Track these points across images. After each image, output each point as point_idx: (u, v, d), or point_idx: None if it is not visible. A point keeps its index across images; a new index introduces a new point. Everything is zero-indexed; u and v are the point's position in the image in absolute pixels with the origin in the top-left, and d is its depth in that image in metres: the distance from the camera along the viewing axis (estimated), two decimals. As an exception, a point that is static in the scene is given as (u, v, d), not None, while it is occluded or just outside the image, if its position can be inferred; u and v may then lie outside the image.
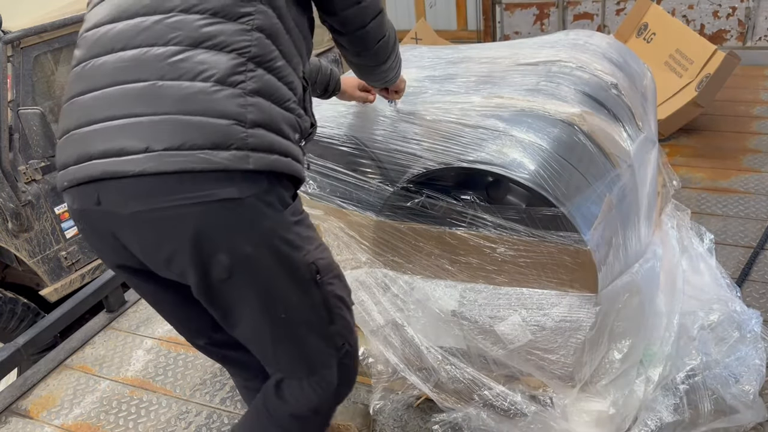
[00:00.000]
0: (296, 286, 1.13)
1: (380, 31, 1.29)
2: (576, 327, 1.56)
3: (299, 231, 1.10)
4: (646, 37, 4.08)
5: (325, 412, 1.32)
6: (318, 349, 1.21)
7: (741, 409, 1.69)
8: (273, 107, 1.04)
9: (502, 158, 1.55)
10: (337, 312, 1.20)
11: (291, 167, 1.05)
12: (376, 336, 1.83)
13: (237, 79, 1.00)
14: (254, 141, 0.99)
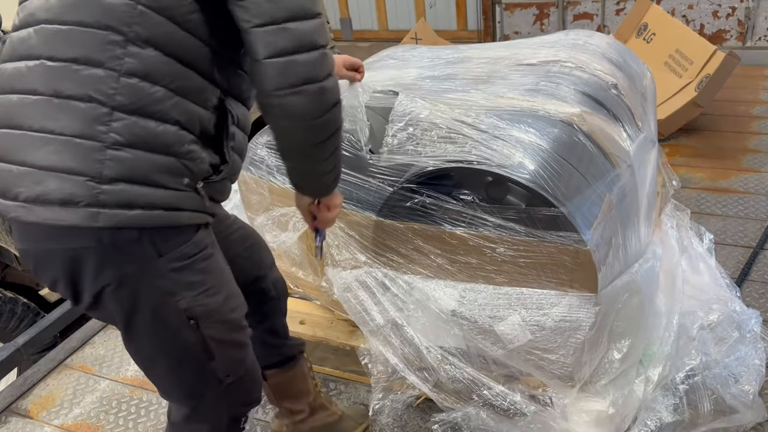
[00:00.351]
0: (163, 327, 1.14)
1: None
2: (576, 327, 1.56)
3: (177, 278, 1.09)
4: (646, 37, 4.08)
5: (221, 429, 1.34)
6: (195, 380, 1.23)
7: (741, 409, 1.69)
8: (144, 156, 1.00)
9: (501, 158, 1.55)
10: (218, 351, 1.21)
11: (158, 220, 1.03)
12: (375, 336, 1.83)
13: (98, 130, 0.97)
14: (107, 198, 0.98)
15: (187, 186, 1.06)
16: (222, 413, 1.33)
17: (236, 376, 1.27)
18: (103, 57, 0.97)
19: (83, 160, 0.97)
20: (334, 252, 1.88)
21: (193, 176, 1.07)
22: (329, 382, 2.08)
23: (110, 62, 0.97)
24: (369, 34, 7.68)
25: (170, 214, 1.04)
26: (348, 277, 1.86)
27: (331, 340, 2.00)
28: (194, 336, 1.16)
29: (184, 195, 1.06)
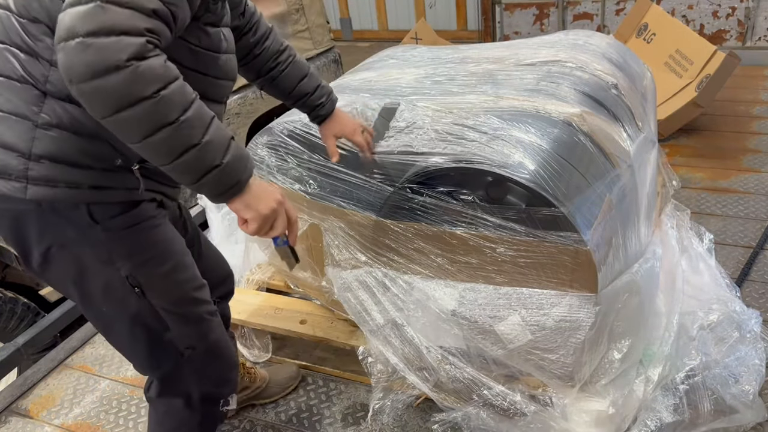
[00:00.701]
0: (111, 294, 1.18)
1: None
2: (576, 327, 1.56)
3: (114, 246, 1.13)
4: (646, 37, 4.08)
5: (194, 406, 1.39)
6: (153, 350, 1.27)
7: (741, 409, 1.69)
8: (71, 138, 1.05)
9: (502, 158, 1.55)
10: (172, 322, 1.25)
11: (83, 197, 1.07)
12: (375, 335, 1.83)
13: (31, 110, 1.03)
14: (35, 173, 1.04)
15: (119, 167, 1.10)
16: (192, 390, 1.35)
17: (198, 352, 1.30)
18: (37, 47, 1.04)
19: (17, 137, 1.04)
20: (334, 252, 1.88)
21: (125, 158, 1.10)
22: (329, 381, 2.08)
23: (44, 53, 1.04)
24: (369, 34, 7.68)
25: (97, 192, 1.09)
26: (348, 276, 1.86)
27: (331, 340, 2.00)
28: (142, 304, 1.20)
29: (116, 174, 1.10)
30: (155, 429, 1.47)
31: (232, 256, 2.63)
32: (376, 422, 1.89)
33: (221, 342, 1.38)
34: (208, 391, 1.39)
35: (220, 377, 1.40)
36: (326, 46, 4.32)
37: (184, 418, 1.40)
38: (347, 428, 1.89)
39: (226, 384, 1.42)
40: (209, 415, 1.43)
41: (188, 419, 1.41)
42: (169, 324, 1.25)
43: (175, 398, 1.37)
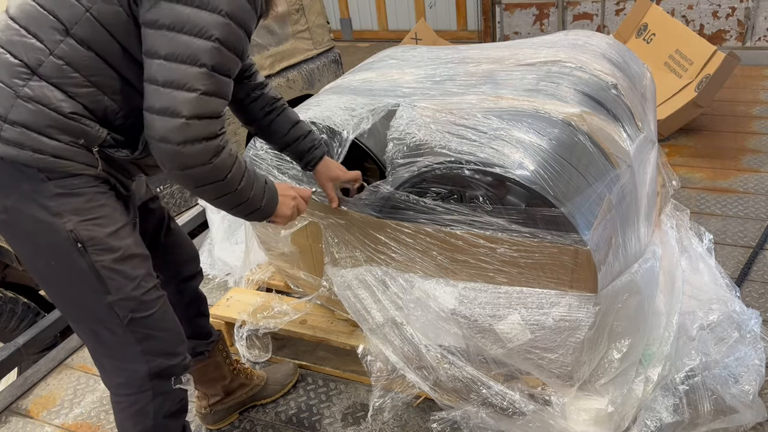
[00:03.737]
0: (53, 246, 1.29)
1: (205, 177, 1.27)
2: (575, 326, 1.57)
3: (63, 201, 1.26)
4: (646, 37, 4.08)
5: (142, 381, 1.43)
6: (93, 306, 1.35)
7: (740, 409, 1.69)
8: (45, 112, 1.21)
9: (502, 158, 1.56)
10: (112, 284, 1.33)
11: (45, 164, 1.23)
12: (375, 334, 1.84)
13: (15, 83, 1.20)
14: (7, 135, 1.20)
15: (81, 145, 1.26)
16: (137, 359, 1.41)
17: (137, 315, 1.37)
18: (43, 35, 1.20)
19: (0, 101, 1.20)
20: (333, 250, 1.88)
21: (88, 139, 1.26)
22: (329, 381, 2.08)
23: (49, 44, 1.20)
24: (369, 34, 7.68)
25: (57, 161, 1.24)
26: (348, 275, 1.86)
27: (331, 340, 2.01)
28: (84, 261, 1.30)
29: (77, 151, 1.25)
30: (114, 413, 1.50)
31: (233, 257, 2.63)
32: (376, 421, 1.89)
33: (166, 314, 1.45)
34: (155, 365, 1.43)
35: (165, 349, 1.45)
36: (326, 46, 4.32)
37: (136, 395, 1.44)
38: (347, 428, 1.89)
39: (173, 356, 1.46)
40: (161, 393, 1.46)
41: (140, 396, 1.44)
42: (109, 287, 1.33)
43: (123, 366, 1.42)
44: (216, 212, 2.77)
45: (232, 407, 1.95)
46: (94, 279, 1.32)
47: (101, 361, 1.45)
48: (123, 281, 1.34)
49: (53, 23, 1.20)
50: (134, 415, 1.45)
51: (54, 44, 1.20)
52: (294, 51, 3.64)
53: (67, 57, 1.21)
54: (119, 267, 1.34)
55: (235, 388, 1.94)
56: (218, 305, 2.20)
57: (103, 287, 1.32)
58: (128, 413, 1.46)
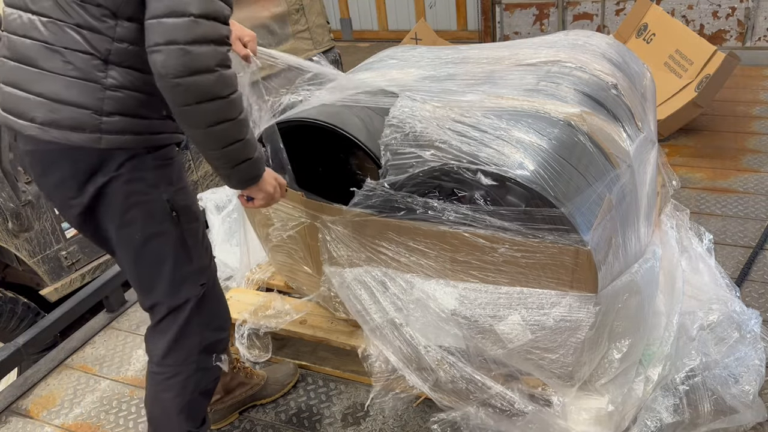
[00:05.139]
0: (151, 217, 1.38)
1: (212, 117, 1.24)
2: (576, 326, 1.57)
3: (160, 173, 1.37)
4: (646, 37, 4.08)
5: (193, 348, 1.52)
6: (177, 280, 1.45)
7: (741, 410, 1.69)
8: (133, 95, 1.30)
9: (502, 158, 1.55)
10: (195, 253, 1.45)
11: (145, 142, 1.34)
12: (375, 335, 1.84)
13: (98, 75, 1.27)
14: (107, 126, 1.29)
15: (165, 116, 1.36)
16: (194, 331, 1.50)
17: (210, 286, 1.50)
18: (100, 26, 1.26)
19: (88, 97, 1.27)
20: (331, 249, 1.88)
21: (168, 109, 1.31)
22: (329, 381, 2.08)
23: (107, 31, 1.26)
24: (369, 34, 7.68)
25: (154, 137, 1.35)
26: (347, 275, 1.86)
27: (331, 340, 2.01)
28: (176, 229, 1.40)
29: (164, 122, 1.36)
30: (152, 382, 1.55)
31: (233, 259, 2.63)
32: (376, 422, 1.89)
33: (218, 287, 1.58)
34: (208, 339, 1.53)
35: (219, 323, 1.57)
36: (326, 46, 4.32)
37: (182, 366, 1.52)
38: (347, 428, 1.89)
39: (222, 331, 1.58)
40: (202, 368, 1.55)
41: (184, 368, 1.52)
42: (192, 255, 1.44)
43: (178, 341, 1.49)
44: (216, 213, 2.76)
45: (231, 406, 1.96)
46: (181, 248, 1.42)
47: (161, 330, 1.51)
48: (201, 249, 1.47)
49: (102, 11, 1.25)
50: (174, 386, 1.52)
51: (111, 30, 1.26)
52: (294, 51, 3.64)
53: (127, 38, 1.27)
54: (200, 235, 1.47)
55: (235, 387, 1.95)
56: (218, 305, 2.20)
57: (187, 256, 1.44)
58: (169, 384, 1.52)
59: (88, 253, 3.00)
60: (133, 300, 2.67)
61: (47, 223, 2.79)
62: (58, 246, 2.85)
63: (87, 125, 1.28)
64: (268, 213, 2.03)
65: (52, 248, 2.83)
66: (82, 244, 2.96)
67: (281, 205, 1.95)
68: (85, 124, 1.28)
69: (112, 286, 2.57)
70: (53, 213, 2.82)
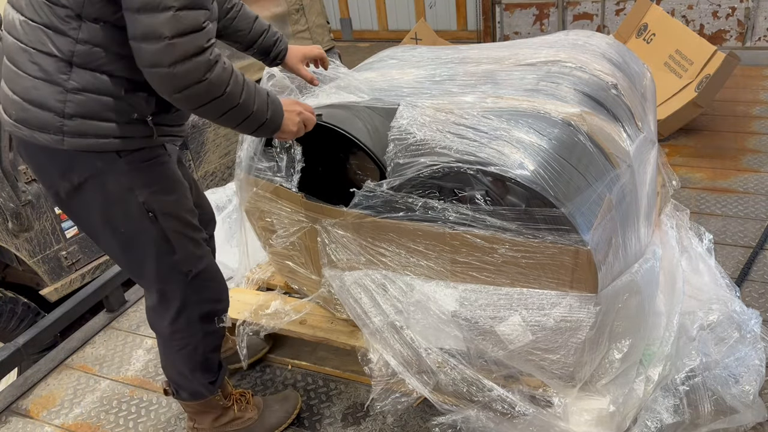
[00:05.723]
0: (127, 217, 1.43)
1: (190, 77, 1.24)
2: (576, 327, 1.56)
3: (134, 175, 1.39)
4: (646, 37, 4.08)
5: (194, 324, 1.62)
6: (163, 270, 1.52)
7: (741, 410, 1.69)
8: (95, 98, 1.31)
9: (502, 158, 1.55)
10: (179, 244, 1.50)
11: (110, 146, 1.34)
12: (375, 338, 1.83)
13: (61, 78, 1.29)
14: (68, 128, 1.31)
15: (136, 119, 1.36)
16: (193, 308, 1.59)
17: (197, 271, 1.56)
18: (64, 27, 1.27)
19: (50, 99, 1.30)
20: (330, 252, 1.88)
21: (140, 111, 1.35)
22: (329, 381, 2.08)
23: (71, 32, 1.27)
24: (369, 34, 7.68)
25: (121, 140, 1.35)
26: (347, 278, 1.86)
27: (331, 340, 2.00)
28: (155, 227, 1.45)
29: (134, 126, 1.36)
30: (165, 353, 1.69)
31: (233, 260, 2.63)
32: (376, 422, 1.89)
33: (214, 266, 1.65)
34: (207, 310, 1.62)
35: (215, 296, 1.65)
36: (326, 46, 4.32)
37: (189, 337, 1.63)
38: (347, 428, 1.89)
39: (220, 302, 1.67)
40: (209, 332, 1.65)
41: (192, 338, 1.63)
42: (175, 247, 1.49)
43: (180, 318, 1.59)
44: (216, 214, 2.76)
45: None
46: (162, 242, 1.47)
47: (159, 312, 1.60)
48: (186, 241, 1.51)
49: (66, 12, 1.26)
50: (186, 354, 1.65)
51: (75, 32, 1.27)
52: (294, 51, 3.64)
53: (91, 40, 1.27)
54: (184, 230, 1.50)
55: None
56: (218, 305, 2.20)
57: (170, 248, 1.49)
58: (180, 354, 1.65)
59: (88, 253, 3.00)
60: (133, 300, 2.67)
61: (47, 223, 2.79)
62: (58, 246, 2.86)
63: (50, 127, 1.31)
64: (270, 220, 2.03)
65: (52, 248, 2.83)
66: (82, 244, 2.97)
67: (282, 213, 1.96)
68: (48, 125, 1.31)
69: (112, 286, 2.57)
70: (53, 213, 2.82)
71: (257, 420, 1.86)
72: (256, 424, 1.85)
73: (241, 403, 1.85)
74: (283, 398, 1.95)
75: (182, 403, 1.79)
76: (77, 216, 1.49)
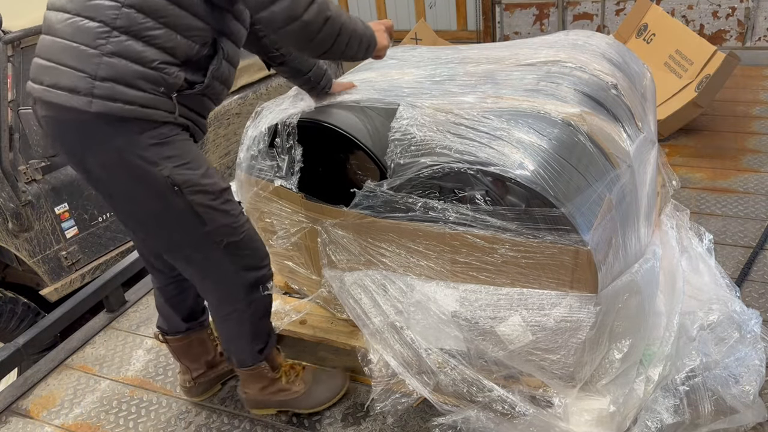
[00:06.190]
0: (153, 192, 1.46)
1: (318, 21, 1.41)
2: (576, 327, 1.56)
3: (157, 151, 1.42)
4: (646, 37, 4.08)
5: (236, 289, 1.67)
6: (193, 240, 1.55)
7: (741, 410, 1.69)
8: (129, 65, 1.35)
9: (502, 158, 1.55)
10: (209, 217, 1.52)
11: (135, 114, 1.38)
12: (375, 339, 1.83)
13: (99, 43, 1.34)
14: (99, 91, 1.34)
15: (162, 93, 1.40)
16: (233, 277, 1.63)
17: (231, 239, 1.57)
18: None
19: (87, 62, 1.34)
20: (330, 253, 1.88)
21: (168, 87, 1.40)
22: (329, 382, 2.08)
23: None
24: (369, 34, 7.67)
25: (145, 110, 1.38)
26: (347, 279, 1.86)
27: (331, 340, 2.00)
28: (181, 201, 1.47)
29: (159, 99, 1.40)
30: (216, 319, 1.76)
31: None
32: (376, 422, 1.89)
33: (252, 232, 1.65)
34: (248, 278, 1.66)
35: (254, 264, 1.66)
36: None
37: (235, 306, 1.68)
38: (347, 428, 1.89)
39: (259, 269, 1.68)
40: (253, 300, 1.70)
41: (238, 307, 1.68)
42: (205, 220, 1.51)
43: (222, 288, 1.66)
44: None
45: (214, 379, 2.06)
46: (191, 215, 1.50)
47: (203, 285, 1.67)
48: (216, 214, 1.53)
49: None
50: (236, 323, 1.71)
51: None
52: (294, 51, 3.64)
53: (137, 4, 1.33)
54: (212, 203, 1.52)
55: (218, 362, 2.05)
56: (218, 305, 2.20)
57: (200, 221, 1.51)
58: (228, 322, 1.71)
59: (88, 253, 3.01)
60: (134, 300, 2.67)
61: (47, 223, 2.79)
62: (58, 246, 2.86)
63: (81, 88, 1.35)
64: (270, 221, 2.03)
65: (52, 248, 2.83)
66: (82, 244, 2.97)
67: (282, 213, 1.96)
68: (79, 87, 1.35)
69: (112, 286, 2.57)
70: (53, 213, 2.82)
71: (303, 394, 1.91)
72: (302, 397, 1.91)
73: (290, 375, 1.91)
74: (331, 376, 2.00)
75: (234, 367, 1.87)
76: (106, 194, 1.53)
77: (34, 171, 2.74)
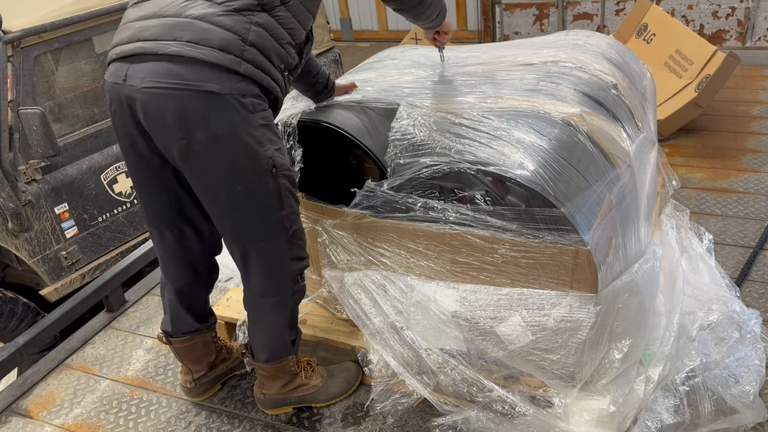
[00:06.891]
0: (254, 170, 1.52)
1: None
2: (576, 327, 1.56)
3: (264, 132, 1.50)
4: (646, 37, 4.08)
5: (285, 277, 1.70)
6: (268, 225, 1.60)
7: (741, 410, 1.69)
8: (270, 39, 1.47)
9: (502, 158, 1.55)
10: (287, 202, 1.59)
11: (267, 82, 1.48)
12: (375, 339, 1.83)
13: (246, 15, 1.44)
14: (248, 55, 1.43)
15: (282, 70, 1.54)
16: (286, 266, 1.68)
17: (295, 227, 1.65)
18: None
19: (238, 25, 1.43)
20: (330, 253, 1.88)
21: (286, 65, 1.54)
22: (329, 382, 2.08)
23: None
24: (369, 34, 7.68)
25: (272, 82, 1.50)
26: (347, 280, 1.86)
27: (331, 340, 2.00)
28: (273, 183, 1.55)
29: (279, 74, 1.53)
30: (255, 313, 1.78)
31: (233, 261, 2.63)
32: (376, 422, 1.89)
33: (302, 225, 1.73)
34: (295, 267, 1.71)
35: (302, 254, 1.72)
36: (326, 46, 4.32)
37: (280, 295, 1.72)
38: (347, 428, 1.89)
39: (303, 260, 1.73)
40: (296, 289, 1.74)
41: (282, 296, 1.72)
42: (284, 203, 1.59)
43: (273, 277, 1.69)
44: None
45: (214, 379, 2.06)
46: (275, 198, 1.57)
47: (255, 274, 1.69)
48: (291, 199, 1.62)
49: None
50: (279, 311, 1.74)
51: None
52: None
53: None
54: (292, 189, 1.61)
55: (218, 363, 2.06)
56: (218, 305, 2.20)
57: (279, 204, 1.58)
58: (274, 311, 1.74)
59: (88, 253, 3.01)
60: (134, 300, 2.67)
61: (47, 223, 2.79)
62: (58, 246, 2.86)
63: (233, 48, 1.41)
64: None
65: (52, 248, 2.83)
66: (82, 244, 2.97)
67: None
68: (231, 46, 1.41)
69: (112, 286, 2.57)
70: (53, 213, 2.83)
71: (321, 387, 1.94)
72: (320, 391, 1.94)
73: (307, 370, 1.93)
74: (345, 369, 2.02)
75: (257, 366, 1.87)
76: (199, 173, 1.54)
77: (34, 171, 2.74)
